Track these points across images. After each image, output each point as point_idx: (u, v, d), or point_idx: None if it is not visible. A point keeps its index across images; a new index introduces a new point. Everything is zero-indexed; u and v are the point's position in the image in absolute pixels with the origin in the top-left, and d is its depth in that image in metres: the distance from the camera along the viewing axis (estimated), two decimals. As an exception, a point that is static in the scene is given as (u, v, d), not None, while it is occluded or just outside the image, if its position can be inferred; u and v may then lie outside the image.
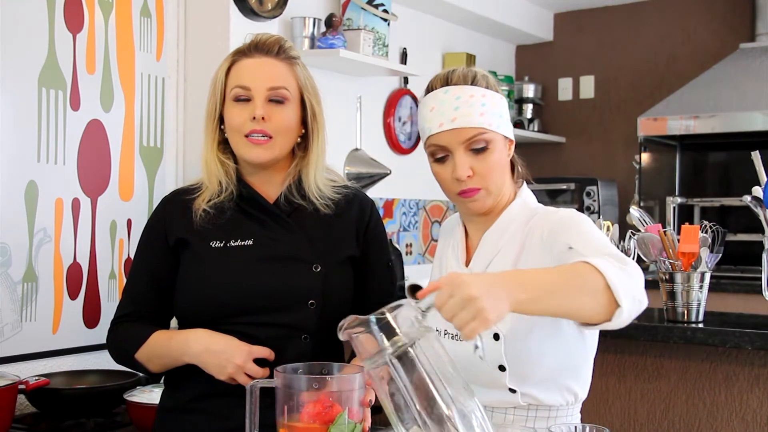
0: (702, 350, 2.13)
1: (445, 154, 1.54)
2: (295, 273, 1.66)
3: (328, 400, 1.26)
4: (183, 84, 2.95)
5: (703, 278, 2.20)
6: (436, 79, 1.59)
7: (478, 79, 1.55)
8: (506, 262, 1.55)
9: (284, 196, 1.72)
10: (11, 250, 2.40)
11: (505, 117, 1.57)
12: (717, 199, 4.52)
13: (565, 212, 1.54)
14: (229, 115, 1.69)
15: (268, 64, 1.68)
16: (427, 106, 1.56)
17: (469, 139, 1.51)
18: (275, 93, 1.67)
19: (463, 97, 1.52)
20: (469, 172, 1.51)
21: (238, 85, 1.67)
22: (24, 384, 2.16)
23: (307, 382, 1.28)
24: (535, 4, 4.82)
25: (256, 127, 1.65)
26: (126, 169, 2.73)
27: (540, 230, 1.52)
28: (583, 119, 4.96)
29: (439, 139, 1.53)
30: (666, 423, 2.16)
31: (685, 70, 4.57)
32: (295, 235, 1.69)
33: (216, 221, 1.70)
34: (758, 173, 2.29)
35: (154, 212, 1.81)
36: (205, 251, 1.68)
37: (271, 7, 3.00)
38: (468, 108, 1.51)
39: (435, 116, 1.53)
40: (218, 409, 1.66)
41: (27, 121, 2.44)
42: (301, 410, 1.26)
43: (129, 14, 2.74)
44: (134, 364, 1.72)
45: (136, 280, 1.76)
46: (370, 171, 3.60)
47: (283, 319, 1.64)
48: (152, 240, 1.76)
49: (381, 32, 3.52)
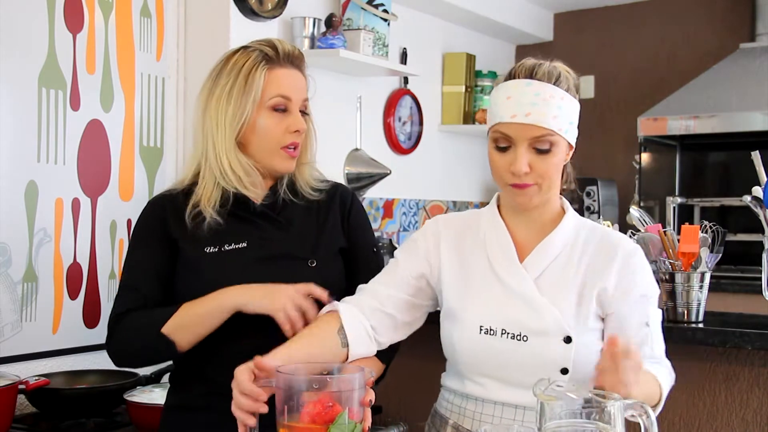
0: (702, 350, 2.13)
1: (508, 144, 1.53)
2: (292, 270, 1.67)
3: (328, 400, 1.26)
4: (183, 84, 2.95)
5: (703, 278, 2.20)
6: (521, 68, 1.57)
7: (561, 80, 1.56)
8: (568, 272, 1.56)
9: (271, 194, 1.73)
10: (11, 250, 2.40)
11: (575, 123, 1.58)
12: (717, 199, 4.52)
13: (645, 260, 1.59)
14: (266, 124, 1.68)
15: (299, 78, 1.73)
16: (505, 93, 1.54)
17: (536, 138, 1.51)
18: (304, 105, 1.72)
19: (542, 95, 1.51)
20: (527, 168, 1.51)
21: (280, 94, 1.68)
22: (24, 384, 2.17)
23: (307, 383, 1.28)
24: (535, 4, 4.82)
25: (296, 140, 1.69)
26: (126, 169, 2.73)
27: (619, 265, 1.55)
28: (583, 119, 4.89)
29: (507, 128, 1.52)
30: (666, 423, 2.15)
31: (685, 70, 4.57)
32: (287, 233, 1.71)
33: (207, 226, 1.68)
34: (758, 173, 2.29)
35: (144, 212, 1.77)
36: (201, 257, 1.68)
37: (271, 7, 3.00)
38: (545, 107, 1.50)
39: (510, 105, 1.52)
40: (225, 406, 1.64)
41: (27, 121, 2.44)
42: (301, 410, 1.26)
43: (129, 14, 2.74)
44: (156, 344, 1.64)
45: (136, 275, 1.72)
46: (370, 171, 3.60)
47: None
48: (150, 235, 1.73)
49: (381, 32, 3.52)
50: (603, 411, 1.18)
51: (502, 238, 1.59)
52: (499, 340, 1.52)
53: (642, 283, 1.56)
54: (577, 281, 1.55)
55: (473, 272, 1.59)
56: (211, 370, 1.67)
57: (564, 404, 1.19)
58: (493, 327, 1.53)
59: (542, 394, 1.20)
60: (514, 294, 1.54)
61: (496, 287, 1.56)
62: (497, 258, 1.58)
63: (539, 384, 1.23)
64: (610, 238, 1.60)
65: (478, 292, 1.57)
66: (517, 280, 1.54)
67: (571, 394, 1.19)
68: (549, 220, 1.61)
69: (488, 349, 1.53)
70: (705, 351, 2.12)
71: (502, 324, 1.52)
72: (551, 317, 1.51)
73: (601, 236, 1.60)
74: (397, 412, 2.39)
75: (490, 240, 1.60)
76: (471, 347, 1.55)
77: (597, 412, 1.19)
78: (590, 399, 1.19)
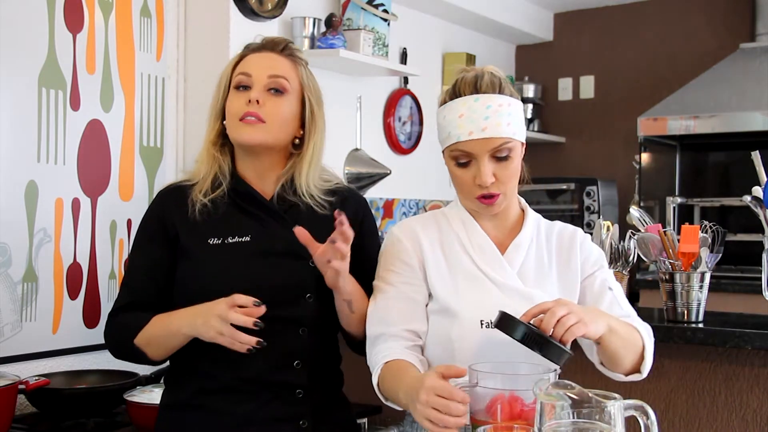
0: (702, 350, 2.13)
1: (469, 160, 1.59)
2: (292, 268, 1.69)
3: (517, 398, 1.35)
4: (183, 84, 2.95)
5: (703, 278, 2.20)
6: (463, 84, 1.61)
7: (503, 87, 1.61)
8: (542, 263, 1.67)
9: (278, 194, 1.75)
10: (11, 250, 2.40)
11: (523, 123, 1.65)
12: (717, 199, 4.52)
13: (589, 241, 1.74)
14: (229, 103, 1.73)
15: (271, 57, 1.74)
16: (456, 111, 1.59)
17: (495, 148, 1.57)
18: (275, 81, 1.71)
19: (493, 107, 1.57)
20: (493, 178, 1.58)
21: (240, 72, 1.73)
22: (24, 384, 2.16)
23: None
24: (535, 4, 4.82)
25: (251, 109, 1.69)
26: (126, 169, 2.73)
27: (579, 249, 1.69)
28: (583, 119, 4.96)
29: (466, 146, 1.57)
30: (666, 423, 2.15)
31: (685, 70, 4.57)
32: (291, 231, 1.68)
33: (213, 217, 1.71)
34: (758, 173, 2.29)
35: (151, 206, 1.82)
36: (204, 248, 1.69)
37: (271, 7, 3.00)
38: (498, 118, 1.56)
39: (464, 123, 1.57)
40: (218, 405, 1.67)
41: (27, 121, 2.44)
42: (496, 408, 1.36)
43: (129, 14, 2.74)
44: (134, 351, 1.70)
45: (134, 273, 1.76)
46: (370, 171, 3.60)
47: (281, 312, 1.65)
48: (151, 233, 1.76)
49: (381, 32, 3.52)
50: (603, 411, 1.19)
51: (480, 238, 1.66)
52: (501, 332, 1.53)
53: (594, 258, 1.71)
54: (552, 272, 1.67)
55: (458, 270, 1.64)
56: (208, 366, 1.67)
57: (564, 404, 1.19)
58: (493, 320, 1.54)
59: (542, 394, 1.20)
60: (505, 288, 1.61)
61: (486, 283, 1.63)
62: (478, 255, 1.64)
63: (539, 384, 1.23)
64: (564, 229, 1.74)
65: (469, 288, 1.62)
66: (503, 274, 1.62)
67: (571, 394, 1.19)
68: (513, 218, 1.71)
69: (492, 343, 1.54)
70: (705, 351, 2.12)
71: (481, 315, 1.58)
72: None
73: (559, 229, 1.74)
74: (397, 412, 2.38)
75: (464, 236, 1.67)
76: (474, 343, 1.57)
77: (597, 412, 1.19)
78: (590, 399, 1.20)
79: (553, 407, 1.20)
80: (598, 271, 1.69)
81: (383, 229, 3.91)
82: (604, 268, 1.71)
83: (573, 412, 1.19)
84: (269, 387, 1.67)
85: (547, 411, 1.20)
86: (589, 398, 1.19)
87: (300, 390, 1.69)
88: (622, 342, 1.53)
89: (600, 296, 1.66)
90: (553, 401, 1.19)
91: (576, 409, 1.19)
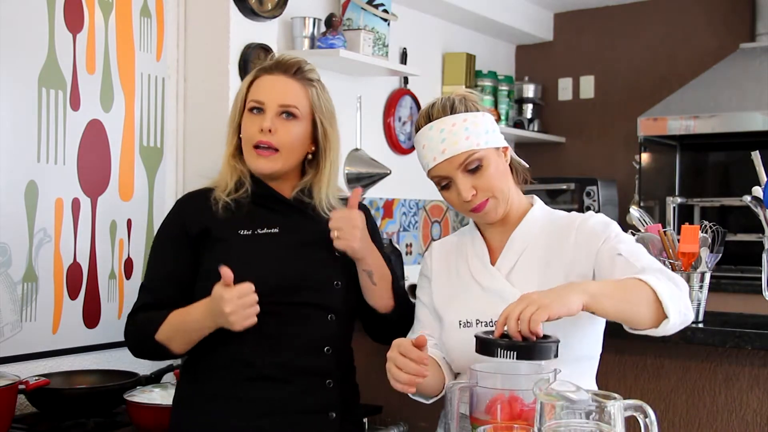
0: (702, 350, 2.13)
1: (447, 182, 1.68)
2: (321, 256, 1.80)
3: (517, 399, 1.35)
4: (183, 84, 2.95)
5: (703, 278, 2.20)
6: (420, 118, 1.72)
7: (456, 107, 1.68)
8: (533, 261, 1.68)
9: (295, 197, 1.86)
10: (11, 250, 2.40)
11: (491, 130, 1.69)
12: (717, 199, 4.52)
13: (601, 217, 1.69)
14: (244, 125, 1.82)
15: (283, 82, 1.81)
16: (420, 144, 1.70)
17: (462, 164, 1.64)
18: (286, 109, 1.80)
19: (446, 129, 1.65)
20: (473, 191, 1.65)
21: (253, 99, 1.81)
22: (24, 384, 2.17)
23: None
24: (535, 4, 4.82)
25: (263, 138, 1.78)
26: (126, 169, 2.73)
27: (575, 233, 1.66)
28: (583, 119, 4.96)
29: (437, 170, 1.67)
30: (666, 423, 2.15)
31: (685, 70, 4.57)
32: (317, 224, 1.82)
33: (237, 213, 1.80)
34: (758, 173, 2.29)
35: (171, 211, 1.90)
36: (234, 238, 1.78)
37: (271, 7, 3.00)
38: (453, 137, 1.64)
39: (428, 152, 1.68)
40: (250, 393, 1.74)
41: (27, 121, 2.44)
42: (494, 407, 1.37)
43: (129, 14, 2.74)
44: (156, 348, 1.76)
45: (154, 275, 1.85)
46: (370, 171, 3.60)
47: (312, 298, 1.76)
48: (171, 237, 1.84)
49: (381, 32, 3.52)
50: (603, 411, 1.19)
51: (478, 247, 1.75)
52: (475, 330, 1.59)
53: (595, 231, 1.65)
54: (540, 265, 1.67)
55: (457, 281, 1.75)
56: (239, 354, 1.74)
57: (564, 404, 1.19)
58: (470, 319, 1.67)
59: (542, 394, 1.20)
60: (489, 291, 1.68)
61: (474, 289, 1.70)
62: (474, 264, 1.73)
63: (539, 384, 1.23)
64: (566, 219, 1.72)
65: (457, 294, 1.72)
66: (488, 279, 1.69)
67: (571, 394, 1.19)
68: (516, 219, 1.73)
69: (469, 341, 1.54)
70: (705, 351, 2.12)
71: (476, 315, 1.66)
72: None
73: (559, 219, 1.73)
74: (397, 412, 2.39)
75: (469, 248, 1.77)
76: (455, 342, 1.68)
77: (597, 412, 1.19)
78: (590, 399, 1.20)
79: (553, 407, 1.20)
80: (602, 244, 1.63)
81: (383, 229, 3.91)
82: (608, 236, 1.64)
83: (573, 412, 1.19)
84: (301, 374, 1.75)
85: (547, 411, 1.20)
86: (589, 398, 1.19)
87: (330, 380, 1.78)
88: (619, 301, 1.47)
89: (612, 267, 1.60)
90: (553, 401, 1.19)
91: (576, 409, 1.19)
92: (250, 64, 2.87)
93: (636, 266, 1.57)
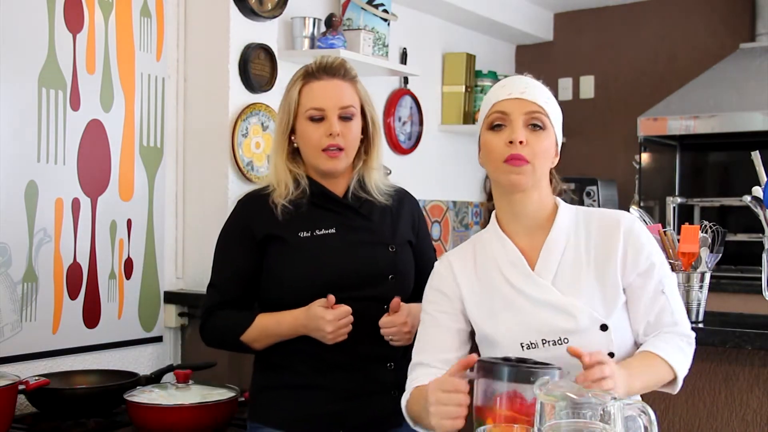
0: (702, 350, 2.12)
1: (502, 123, 1.59)
2: (375, 253, 1.94)
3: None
4: (183, 84, 2.95)
5: (703, 278, 2.20)
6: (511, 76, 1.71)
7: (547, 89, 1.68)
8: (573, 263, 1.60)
9: (351, 192, 1.97)
10: (11, 250, 2.40)
11: (559, 126, 1.68)
12: (717, 199, 4.52)
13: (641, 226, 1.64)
14: (306, 133, 1.92)
15: (336, 86, 1.93)
16: (500, 83, 1.66)
17: (531, 112, 1.59)
18: (345, 111, 1.91)
19: (532, 84, 1.64)
20: (524, 136, 1.57)
21: (312, 107, 1.91)
22: (24, 384, 2.17)
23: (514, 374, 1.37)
24: (535, 4, 4.82)
25: (333, 141, 1.89)
26: (126, 169, 2.73)
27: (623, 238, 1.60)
28: (583, 119, 4.96)
29: (503, 105, 1.60)
30: (666, 423, 2.15)
31: (685, 70, 4.57)
32: (369, 222, 1.97)
33: (296, 215, 1.92)
34: (758, 173, 2.29)
35: (233, 213, 2.01)
36: (295, 241, 1.91)
37: (271, 7, 3.00)
38: (536, 90, 1.62)
39: (505, 88, 1.62)
40: (324, 382, 1.90)
41: (27, 121, 2.44)
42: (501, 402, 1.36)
43: (129, 14, 2.74)
44: (238, 346, 1.94)
45: (221, 275, 1.99)
46: (370, 171, 3.59)
47: (369, 292, 1.90)
48: (236, 238, 1.97)
49: (381, 32, 3.52)
50: (603, 411, 1.19)
51: (509, 251, 1.63)
52: (543, 350, 1.54)
53: (648, 252, 1.60)
54: (590, 270, 1.59)
55: (493, 291, 1.62)
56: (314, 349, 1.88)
57: (564, 404, 1.19)
58: (533, 340, 1.55)
59: (542, 394, 1.20)
60: (539, 303, 1.57)
61: (520, 301, 1.59)
62: (510, 272, 1.61)
63: (539, 384, 1.23)
64: (607, 217, 1.65)
65: (504, 310, 1.60)
66: (536, 289, 1.58)
67: (571, 394, 1.19)
68: (545, 219, 1.65)
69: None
70: (705, 351, 2.12)
71: (541, 335, 1.55)
72: (581, 313, 1.54)
73: (599, 218, 1.66)
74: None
75: (499, 255, 1.64)
76: None
77: (597, 412, 1.19)
78: (590, 399, 1.20)
79: (553, 407, 1.20)
80: (654, 270, 1.59)
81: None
82: (657, 264, 1.60)
83: (573, 412, 1.19)
84: (366, 360, 1.92)
85: (547, 411, 1.20)
86: (589, 398, 1.19)
87: (391, 363, 1.94)
88: (645, 384, 1.52)
89: (653, 302, 1.58)
90: (553, 401, 1.19)
91: (576, 409, 1.19)
92: (249, 63, 2.88)
93: (675, 316, 1.60)
